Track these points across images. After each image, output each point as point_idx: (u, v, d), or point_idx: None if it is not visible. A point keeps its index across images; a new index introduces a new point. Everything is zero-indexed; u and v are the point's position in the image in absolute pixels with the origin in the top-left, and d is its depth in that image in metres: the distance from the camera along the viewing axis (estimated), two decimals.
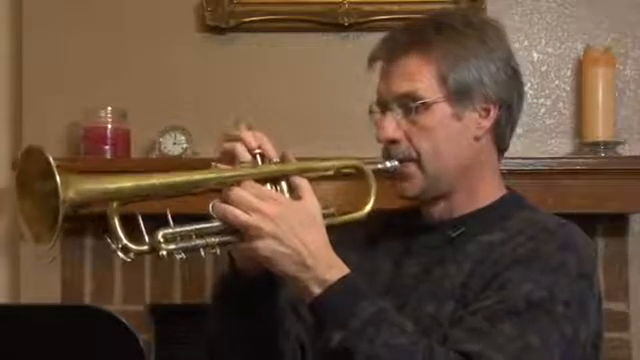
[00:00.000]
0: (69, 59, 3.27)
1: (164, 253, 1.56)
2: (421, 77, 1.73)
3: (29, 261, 3.27)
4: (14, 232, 3.34)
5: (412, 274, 1.76)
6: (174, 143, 3.18)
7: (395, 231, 1.85)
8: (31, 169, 1.51)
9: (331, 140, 3.13)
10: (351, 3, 3.24)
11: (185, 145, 3.17)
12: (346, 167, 1.79)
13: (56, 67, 3.27)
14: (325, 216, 1.68)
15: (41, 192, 1.50)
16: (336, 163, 1.77)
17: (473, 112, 1.75)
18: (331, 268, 1.62)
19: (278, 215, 1.59)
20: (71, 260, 3.29)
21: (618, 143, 3.20)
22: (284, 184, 1.66)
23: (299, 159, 1.82)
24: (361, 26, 3.23)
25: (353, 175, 1.79)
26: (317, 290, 1.61)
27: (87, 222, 3.24)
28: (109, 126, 3.15)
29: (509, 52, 1.80)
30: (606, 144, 3.18)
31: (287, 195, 1.65)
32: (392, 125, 1.75)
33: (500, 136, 1.79)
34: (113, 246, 1.54)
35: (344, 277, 1.62)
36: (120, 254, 1.53)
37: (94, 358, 1.71)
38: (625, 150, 3.21)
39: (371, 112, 1.81)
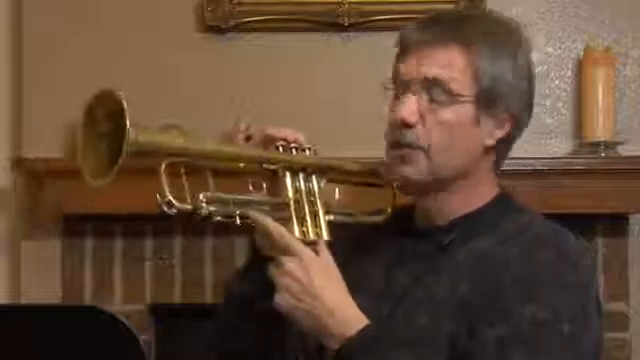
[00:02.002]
0: (69, 59, 3.27)
1: (205, 212, 1.62)
2: (459, 70, 1.70)
3: (29, 261, 3.27)
4: (14, 232, 3.34)
5: (403, 281, 1.74)
6: None
7: (387, 233, 1.83)
8: (101, 110, 1.64)
9: (330, 140, 3.11)
10: (351, 3, 3.24)
11: None
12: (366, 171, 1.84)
13: (56, 67, 3.27)
14: (345, 215, 1.77)
15: (107, 133, 1.61)
16: (361, 167, 1.83)
17: (492, 119, 1.74)
18: (348, 326, 1.64)
19: (298, 271, 1.63)
20: (71, 260, 3.29)
21: (618, 143, 3.20)
22: (314, 179, 1.73)
23: None
24: (361, 26, 3.23)
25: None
26: (334, 345, 1.64)
27: (87, 222, 3.24)
28: None
29: (534, 72, 1.78)
30: (606, 144, 3.19)
31: (316, 186, 1.73)
32: (412, 108, 1.71)
33: (502, 149, 1.78)
34: (159, 199, 1.60)
35: (360, 332, 1.64)
36: (164, 207, 1.60)
37: (94, 358, 1.71)
38: (625, 150, 3.21)
39: (385, 88, 1.77)
